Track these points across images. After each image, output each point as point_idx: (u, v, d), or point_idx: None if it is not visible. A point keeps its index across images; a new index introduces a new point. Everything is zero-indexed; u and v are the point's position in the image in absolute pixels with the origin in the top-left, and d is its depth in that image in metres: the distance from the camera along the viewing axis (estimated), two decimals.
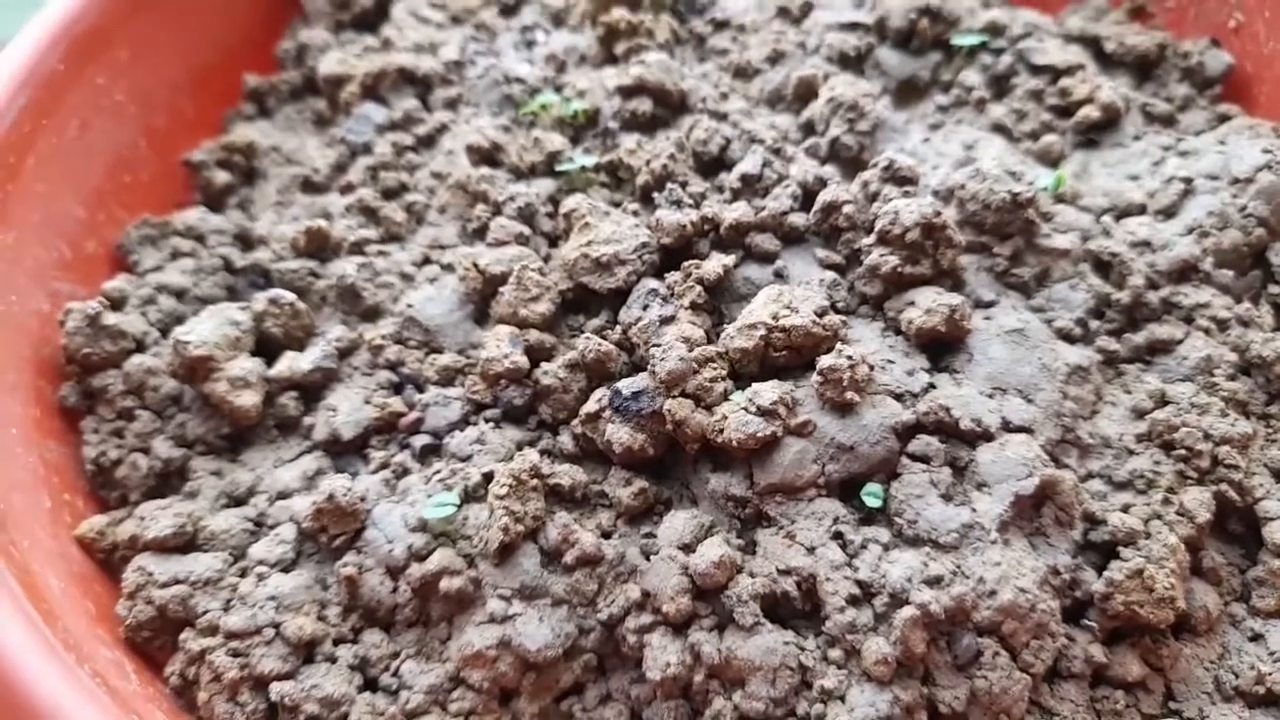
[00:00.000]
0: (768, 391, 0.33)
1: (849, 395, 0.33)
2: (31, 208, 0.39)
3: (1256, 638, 0.34)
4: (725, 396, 0.34)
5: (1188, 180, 0.41)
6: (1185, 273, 0.39)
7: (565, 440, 0.36)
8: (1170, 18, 0.52)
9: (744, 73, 0.44)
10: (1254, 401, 0.37)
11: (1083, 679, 0.32)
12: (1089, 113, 0.44)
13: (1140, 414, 0.36)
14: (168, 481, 0.36)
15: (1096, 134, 0.44)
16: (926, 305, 0.35)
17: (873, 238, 0.36)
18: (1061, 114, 0.44)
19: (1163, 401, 0.36)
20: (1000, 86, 0.45)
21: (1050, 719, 0.31)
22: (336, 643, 0.32)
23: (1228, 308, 0.38)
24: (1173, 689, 0.33)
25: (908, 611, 0.30)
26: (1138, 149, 0.44)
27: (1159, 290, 0.38)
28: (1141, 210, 0.41)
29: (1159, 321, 0.38)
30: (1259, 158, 0.41)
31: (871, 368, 0.34)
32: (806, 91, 0.42)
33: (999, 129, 0.44)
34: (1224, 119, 0.46)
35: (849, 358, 0.33)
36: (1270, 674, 0.33)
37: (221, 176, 0.45)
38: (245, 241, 0.42)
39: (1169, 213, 0.41)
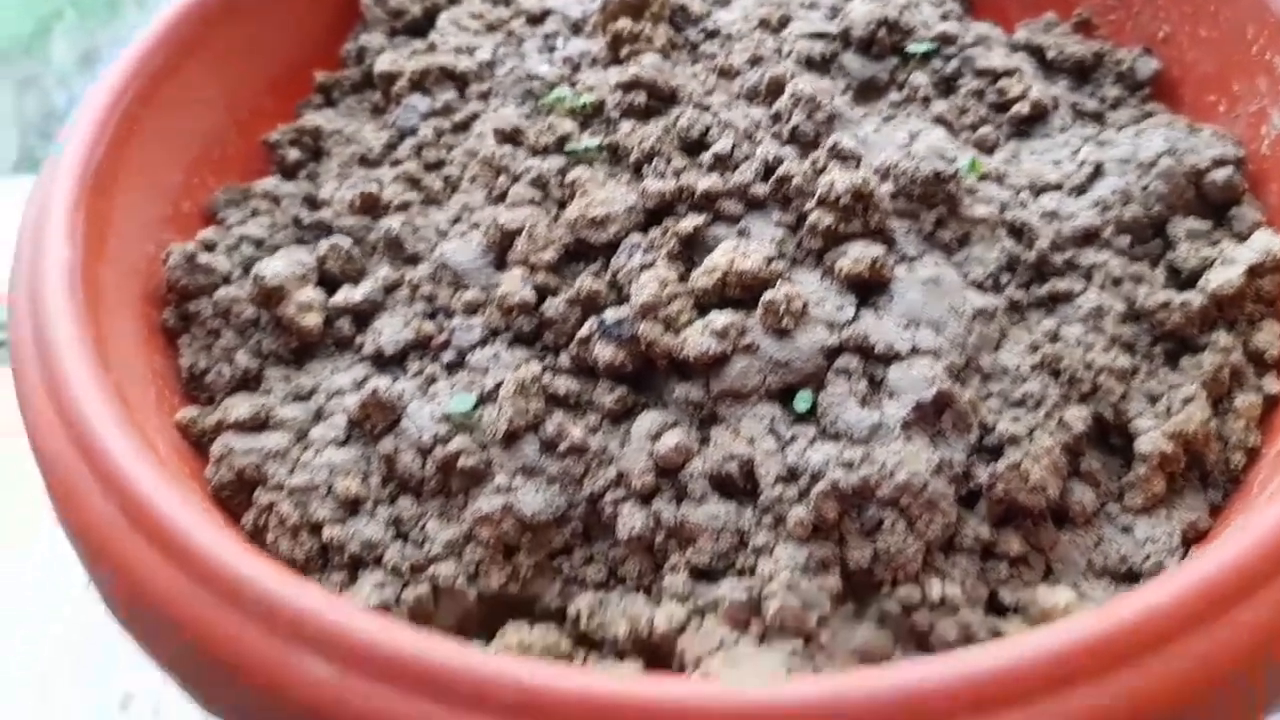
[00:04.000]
0: (721, 318, 0.41)
1: (785, 322, 0.41)
2: (141, 175, 0.49)
3: (1127, 530, 0.41)
4: (689, 324, 0.42)
5: (1098, 164, 0.48)
6: (1088, 238, 0.46)
7: (564, 360, 0.44)
8: (1111, 29, 0.59)
9: (727, 73, 0.53)
10: (1139, 343, 0.44)
11: (973, 553, 0.39)
12: (1020, 108, 0.51)
13: (1035, 349, 0.43)
14: (246, 385, 0.45)
15: (1027, 126, 0.52)
16: (855, 255, 0.43)
17: (814, 202, 0.44)
18: (998, 110, 0.52)
19: (1055, 338, 0.43)
20: (946, 87, 0.53)
21: (944, 578, 0.39)
22: (375, 504, 0.41)
23: (1122, 268, 0.46)
24: (1052, 566, 0.40)
25: (822, 484, 0.38)
26: (1061, 139, 0.51)
27: (1063, 252, 0.46)
28: (1057, 188, 0.48)
29: (1061, 277, 0.45)
30: (1161, 145, 0.49)
31: (806, 303, 0.42)
32: (776, 88, 0.50)
33: (941, 121, 0.51)
34: (1149, 116, 0.54)
35: (786, 293, 0.41)
36: (1131, 555, 0.40)
37: (293, 154, 0.55)
38: (312, 203, 0.51)
39: (1080, 190, 0.48)
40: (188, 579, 0.31)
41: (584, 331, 0.43)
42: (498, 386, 0.42)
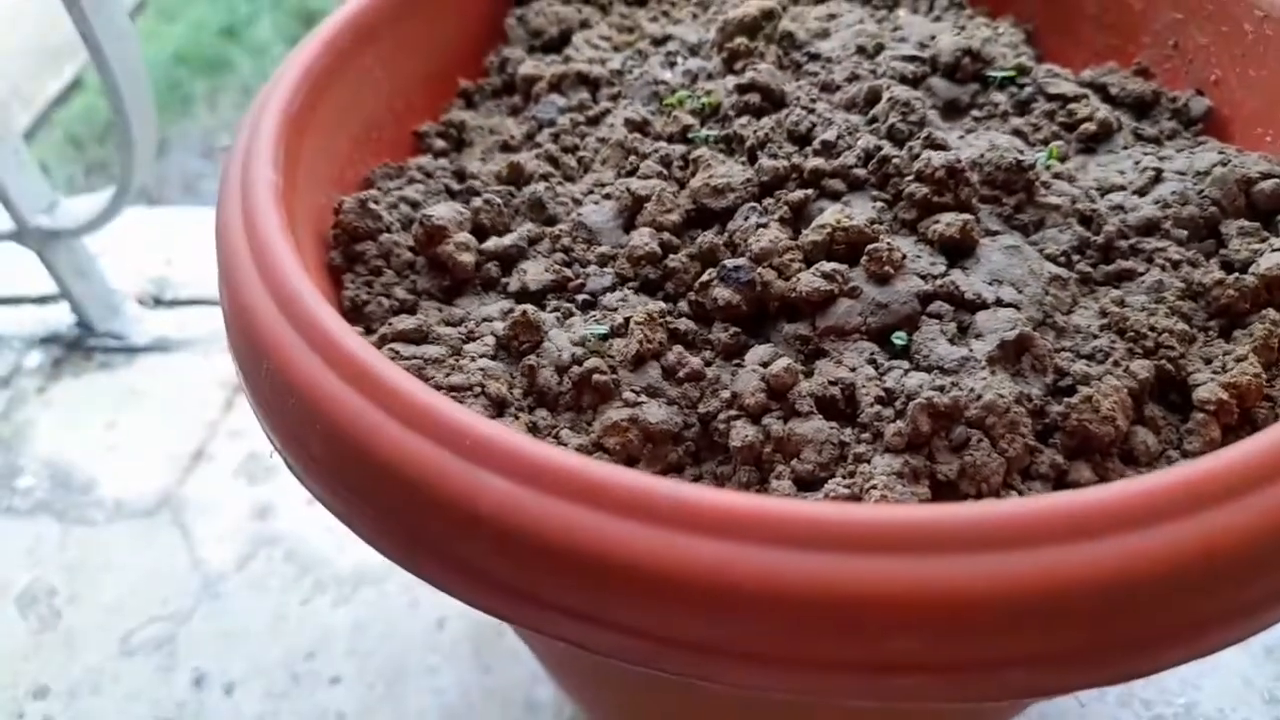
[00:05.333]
0: (829, 265, 0.47)
1: (886, 269, 0.47)
2: (320, 137, 0.56)
3: None
4: (798, 273, 0.48)
5: (1158, 171, 0.55)
6: (1149, 229, 0.52)
7: (683, 306, 0.50)
8: (1167, 77, 0.66)
9: (829, 88, 0.60)
10: (1196, 317, 0.50)
11: (1048, 479, 0.44)
12: (1088, 126, 0.58)
13: (1104, 314, 0.49)
14: (403, 314, 0.52)
15: (1094, 143, 0.59)
16: (947, 220, 0.49)
17: (912, 176, 0.50)
18: (1068, 129, 0.59)
19: (1122, 304, 0.49)
20: (1021, 108, 0.60)
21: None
22: (517, 411, 0.47)
23: (1180, 255, 0.51)
24: None
25: (918, 401, 0.43)
26: (1124, 154, 0.58)
27: (1128, 239, 0.52)
28: (1121, 189, 0.55)
29: (1125, 259, 0.51)
30: (1216, 157, 0.55)
31: (904, 255, 0.48)
32: (873, 97, 0.58)
33: (1017, 133, 0.58)
34: (1201, 145, 0.60)
35: (888, 244, 0.47)
36: None
37: (440, 143, 0.62)
38: (461, 176, 0.59)
39: (1142, 192, 0.54)
40: (386, 413, 0.37)
41: (705, 278, 0.49)
42: (626, 322, 0.49)
